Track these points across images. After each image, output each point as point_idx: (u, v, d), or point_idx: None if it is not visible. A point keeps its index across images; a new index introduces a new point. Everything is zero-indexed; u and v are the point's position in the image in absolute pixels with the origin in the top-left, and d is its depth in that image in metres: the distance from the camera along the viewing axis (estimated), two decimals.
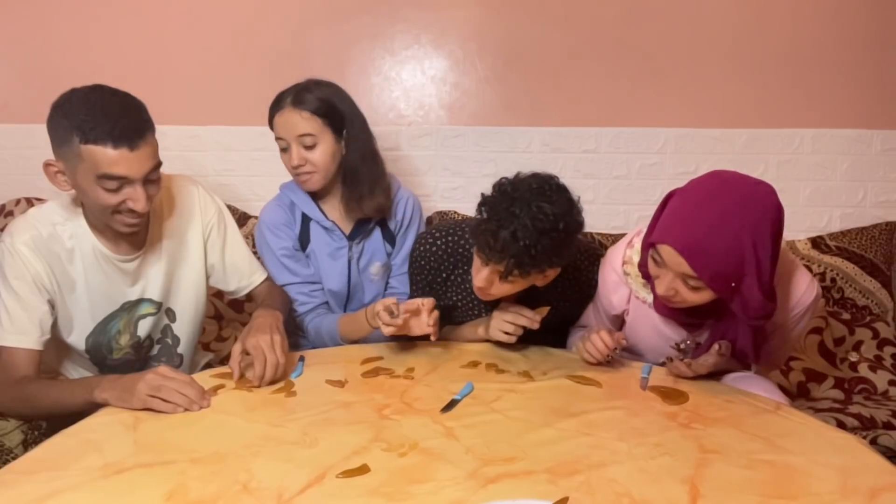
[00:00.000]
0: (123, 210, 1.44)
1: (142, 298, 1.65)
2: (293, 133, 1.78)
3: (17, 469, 1.10)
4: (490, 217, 1.47)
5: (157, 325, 1.70)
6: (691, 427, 1.25)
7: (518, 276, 1.49)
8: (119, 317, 1.62)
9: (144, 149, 1.40)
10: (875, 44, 2.45)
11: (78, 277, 1.55)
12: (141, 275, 1.63)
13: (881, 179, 2.53)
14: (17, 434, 1.89)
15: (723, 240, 1.32)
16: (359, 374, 1.51)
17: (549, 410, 1.32)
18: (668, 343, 1.57)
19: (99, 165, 1.37)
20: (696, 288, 1.37)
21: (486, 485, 1.04)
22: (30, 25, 2.50)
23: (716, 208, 1.34)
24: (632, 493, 1.02)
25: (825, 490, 1.03)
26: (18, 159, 2.56)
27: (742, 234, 1.31)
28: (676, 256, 1.35)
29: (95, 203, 1.43)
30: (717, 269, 1.33)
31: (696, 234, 1.33)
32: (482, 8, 2.47)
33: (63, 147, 1.39)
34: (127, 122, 1.38)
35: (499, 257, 1.46)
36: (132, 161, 1.38)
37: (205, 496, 1.01)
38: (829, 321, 2.25)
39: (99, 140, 1.35)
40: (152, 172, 1.44)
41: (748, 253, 1.32)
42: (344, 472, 1.08)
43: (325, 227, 1.89)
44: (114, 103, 1.40)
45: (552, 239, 1.44)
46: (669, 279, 1.39)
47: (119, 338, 1.64)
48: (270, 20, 2.48)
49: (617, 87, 2.48)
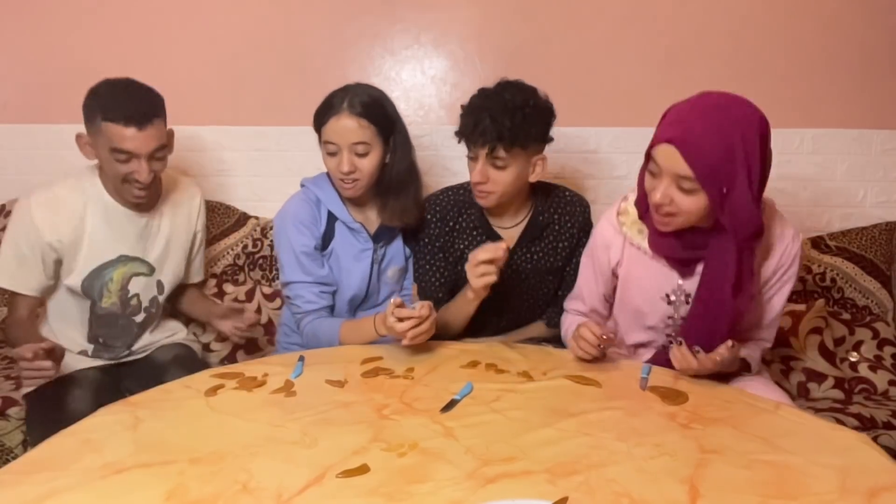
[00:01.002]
0: (131, 180, 1.73)
1: (140, 258, 1.88)
2: (348, 140, 1.75)
3: (16, 469, 1.10)
4: (468, 112, 1.73)
5: (147, 290, 1.92)
6: (691, 427, 1.25)
7: (505, 154, 1.70)
8: (115, 267, 1.85)
9: (151, 130, 1.68)
10: (875, 44, 2.45)
11: (86, 229, 1.80)
12: (145, 236, 1.88)
13: (881, 179, 2.53)
14: (18, 434, 1.90)
15: (713, 133, 1.39)
16: (358, 374, 1.51)
17: (548, 410, 1.32)
18: (659, 294, 1.62)
19: (112, 139, 1.67)
20: (690, 191, 1.42)
21: (485, 485, 1.04)
22: (30, 25, 2.50)
23: (707, 107, 1.44)
24: (631, 494, 1.02)
25: (824, 490, 1.03)
26: (18, 159, 2.56)
27: (732, 130, 1.39)
28: (672, 153, 1.41)
29: (109, 171, 1.74)
30: (709, 164, 1.39)
31: (689, 129, 1.41)
32: (482, 8, 2.47)
33: (90, 123, 1.70)
34: (139, 107, 1.68)
35: (483, 140, 1.69)
36: (139, 139, 1.67)
37: (204, 496, 1.01)
38: (830, 321, 2.25)
39: (115, 119, 1.65)
40: (157, 151, 1.72)
41: (738, 150, 1.39)
42: (343, 471, 1.08)
43: (352, 229, 1.87)
44: (133, 90, 1.72)
45: (524, 114, 1.69)
46: (665, 185, 1.45)
47: (110, 285, 1.85)
48: (271, 20, 2.48)
49: (617, 87, 2.48)
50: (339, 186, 1.83)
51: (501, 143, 1.68)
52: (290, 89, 2.48)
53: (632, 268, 1.67)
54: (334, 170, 1.79)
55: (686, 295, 1.61)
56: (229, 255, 2.43)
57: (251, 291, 2.37)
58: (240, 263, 2.44)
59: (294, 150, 2.50)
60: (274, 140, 2.54)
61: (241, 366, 1.59)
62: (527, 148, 1.73)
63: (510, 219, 1.91)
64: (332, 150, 1.77)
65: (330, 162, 1.79)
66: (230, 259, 2.43)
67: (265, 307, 2.36)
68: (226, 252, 2.43)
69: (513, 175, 1.75)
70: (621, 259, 1.68)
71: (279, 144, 2.54)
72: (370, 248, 1.90)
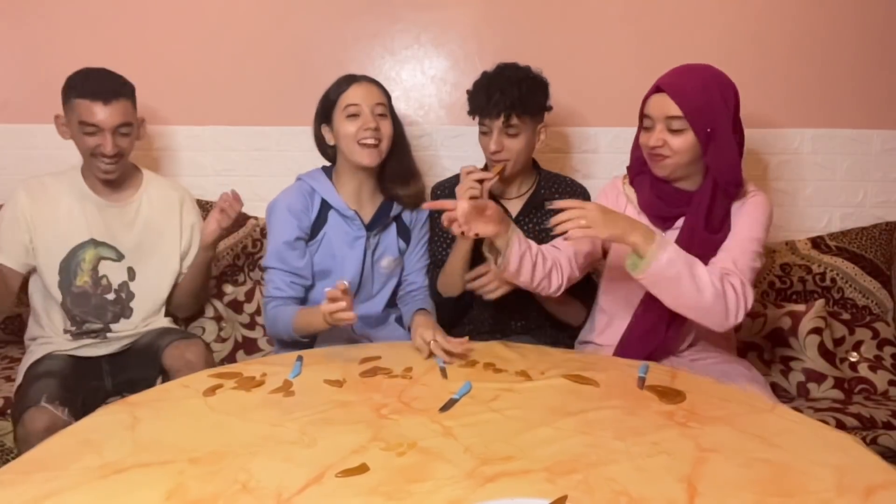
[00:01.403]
0: (97, 154, 1.90)
1: (108, 244, 2.01)
2: (372, 101, 1.89)
3: (15, 469, 1.10)
4: (479, 90, 1.93)
5: (117, 274, 2.03)
6: (688, 426, 1.25)
7: (518, 121, 1.89)
8: (87, 248, 1.99)
9: (116, 106, 1.88)
10: (875, 44, 2.46)
11: (61, 212, 1.97)
12: (116, 225, 2.02)
13: (881, 179, 2.53)
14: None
15: (697, 80, 1.67)
16: (357, 373, 1.52)
17: (546, 410, 1.32)
18: None
19: (81, 114, 1.87)
20: (680, 130, 1.65)
21: (484, 483, 1.05)
22: (30, 25, 2.50)
23: (690, 67, 1.73)
24: (630, 492, 1.02)
25: (821, 488, 1.04)
26: (18, 159, 2.56)
27: (711, 82, 1.67)
28: (662, 98, 1.67)
29: (80, 145, 1.93)
30: (693, 103, 1.64)
31: (676, 78, 1.69)
32: (482, 8, 2.47)
33: (66, 104, 1.91)
34: (106, 85, 1.90)
35: (497, 110, 1.87)
36: (104, 113, 1.87)
37: (204, 496, 1.01)
38: (829, 321, 2.25)
39: (84, 94, 1.87)
40: (122, 127, 1.90)
41: (717, 97, 1.66)
42: (343, 471, 1.08)
43: (346, 216, 1.92)
44: (103, 73, 1.94)
45: (528, 85, 1.91)
46: (658, 130, 1.68)
47: (83, 265, 1.99)
48: (271, 20, 2.48)
49: (617, 87, 2.49)
50: (363, 151, 1.87)
51: (514, 111, 1.87)
52: (290, 89, 2.48)
53: None
54: (356, 131, 1.86)
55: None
56: (229, 256, 2.43)
57: (251, 292, 2.37)
58: (239, 264, 2.45)
59: (294, 150, 2.50)
60: (274, 140, 2.54)
61: (239, 366, 1.60)
62: (534, 115, 1.94)
63: (515, 190, 2.07)
64: (355, 111, 1.87)
65: (349, 126, 1.87)
66: (230, 259, 2.44)
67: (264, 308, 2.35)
68: (225, 252, 2.43)
69: (523, 142, 1.93)
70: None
71: (279, 144, 2.54)
72: (363, 235, 1.94)
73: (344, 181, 1.96)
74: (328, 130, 1.94)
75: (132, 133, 1.96)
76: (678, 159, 1.68)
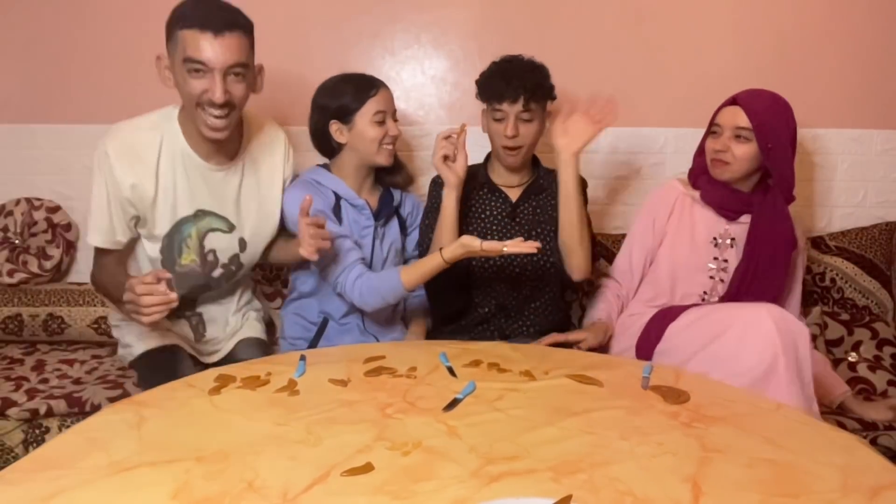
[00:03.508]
0: (205, 102, 1.59)
1: (215, 213, 1.79)
2: (392, 108, 1.98)
3: (22, 467, 1.10)
4: (494, 76, 1.94)
5: (227, 247, 1.84)
6: (693, 426, 1.26)
7: (535, 106, 1.93)
8: (192, 222, 1.76)
9: (229, 39, 1.55)
10: (875, 44, 2.46)
11: (161, 178, 1.69)
12: (221, 191, 1.78)
13: (881, 179, 2.54)
14: (18, 434, 1.90)
15: (768, 101, 1.91)
16: (361, 373, 1.52)
17: (551, 409, 1.32)
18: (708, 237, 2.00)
19: (187, 48, 1.54)
20: (745, 139, 1.88)
21: (489, 483, 1.05)
22: (30, 25, 2.50)
23: (763, 90, 1.95)
24: (634, 492, 1.02)
25: (826, 488, 1.04)
26: (18, 159, 2.56)
27: (780, 107, 1.91)
28: (735, 110, 1.90)
29: (183, 90, 1.60)
30: (761, 119, 1.86)
31: (750, 95, 1.92)
32: (482, 8, 2.47)
33: (170, 40, 1.59)
34: (218, 14, 1.56)
35: (516, 94, 1.89)
36: (215, 47, 1.54)
37: (210, 494, 1.01)
38: (828, 321, 2.26)
39: (191, 25, 1.53)
40: (235, 67, 1.58)
41: (782, 119, 1.89)
42: (348, 470, 1.08)
43: (356, 205, 1.97)
44: (216, 2, 1.60)
45: (540, 72, 1.96)
46: (725, 137, 1.91)
47: (189, 241, 1.77)
48: (270, 20, 2.48)
49: (617, 88, 2.48)
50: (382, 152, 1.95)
51: (532, 96, 1.91)
52: (290, 89, 2.48)
53: (684, 216, 2.03)
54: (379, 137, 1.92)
55: (731, 238, 2.00)
56: None
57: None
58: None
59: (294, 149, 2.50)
60: None
61: (244, 365, 1.60)
62: (544, 101, 1.98)
63: (517, 179, 2.10)
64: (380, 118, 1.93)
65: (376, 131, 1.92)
66: None
67: (264, 307, 2.36)
68: None
69: (536, 127, 1.97)
70: (673, 211, 2.04)
71: None
72: (371, 225, 1.99)
73: (347, 175, 1.99)
74: (340, 129, 1.94)
75: (248, 79, 1.65)
76: (738, 166, 1.91)
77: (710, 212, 2.02)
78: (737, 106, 1.90)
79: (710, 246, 2.00)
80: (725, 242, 2.00)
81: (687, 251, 2.01)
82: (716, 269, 2.00)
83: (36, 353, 2.34)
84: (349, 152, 1.97)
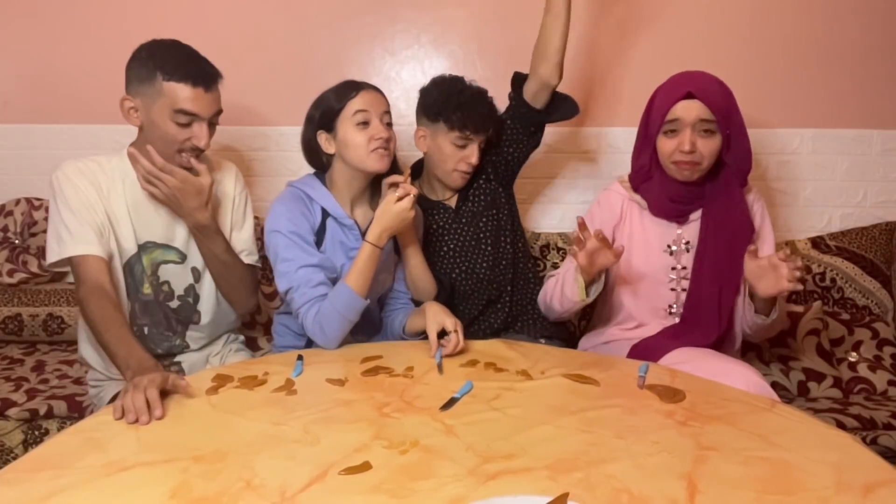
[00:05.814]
0: (187, 147, 1.65)
1: (168, 245, 1.78)
2: (380, 109, 1.81)
3: (20, 467, 1.11)
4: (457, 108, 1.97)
5: (181, 278, 1.82)
6: (688, 425, 1.26)
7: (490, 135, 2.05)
8: (143, 254, 1.76)
9: (215, 93, 1.66)
10: (875, 44, 2.46)
11: (118, 208, 1.71)
12: (171, 223, 1.77)
13: (881, 179, 2.54)
14: (18, 434, 1.91)
15: (717, 85, 1.78)
16: (358, 372, 1.52)
17: (547, 408, 1.33)
18: (661, 246, 1.89)
19: (177, 101, 1.60)
20: (710, 133, 1.75)
21: (486, 481, 1.05)
22: (30, 25, 2.51)
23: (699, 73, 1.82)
24: (630, 490, 1.03)
25: (820, 486, 1.04)
26: (18, 159, 2.57)
27: (724, 87, 1.79)
28: (693, 104, 1.74)
29: (165, 137, 1.63)
30: (721, 107, 1.74)
31: (701, 85, 1.76)
32: (482, 8, 2.48)
33: (143, 84, 1.61)
34: (205, 68, 1.65)
35: (482, 129, 2.00)
36: (206, 101, 1.63)
37: (208, 494, 1.01)
38: (828, 321, 2.26)
39: (183, 80, 1.59)
40: (216, 116, 1.68)
41: (732, 101, 1.78)
42: (346, 469, 1.08)
43: (344, 225, 1.83)
44: (194, 52, 1.67)
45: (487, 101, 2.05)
46: (687, 134, 1.75)
47: (145, 273, 1.77)
48: (271, 20, 2.49)
49: (617, 87, 2.49)
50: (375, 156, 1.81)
51: (493, 128, 2.04)
52: (290, 89, 2.48)
53: (634, 225, 1.92)
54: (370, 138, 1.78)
55: (685, 242, 1.89)
56: None
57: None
58: None
59: (294, 150, 2.49)
60: (274, 140, 2.55)
61: (241, 364, 1.60)
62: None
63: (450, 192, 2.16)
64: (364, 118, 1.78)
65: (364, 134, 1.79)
66: None
67: (265, 307, 2.36)
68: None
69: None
70: (622, 218, 1.93)
71: (279, 144, 2.55)
72: (357, 247, 1.80)
73: (339, 189, 1.86)
74: (328, 138, 1.82)
75: (218, 119, 1.72)
76: (707, 164, 1.79)
77: (660, 219, 1.90)
78: (694, 99, 1.74)
79: (665, 255, 1.89)
80: (681, 248, 1.88)
81: (642, 265, 1.90)
82: (676, 279, 1.89)
83: (36, 354, 2.35)
84: (339, 163, 1.83)
